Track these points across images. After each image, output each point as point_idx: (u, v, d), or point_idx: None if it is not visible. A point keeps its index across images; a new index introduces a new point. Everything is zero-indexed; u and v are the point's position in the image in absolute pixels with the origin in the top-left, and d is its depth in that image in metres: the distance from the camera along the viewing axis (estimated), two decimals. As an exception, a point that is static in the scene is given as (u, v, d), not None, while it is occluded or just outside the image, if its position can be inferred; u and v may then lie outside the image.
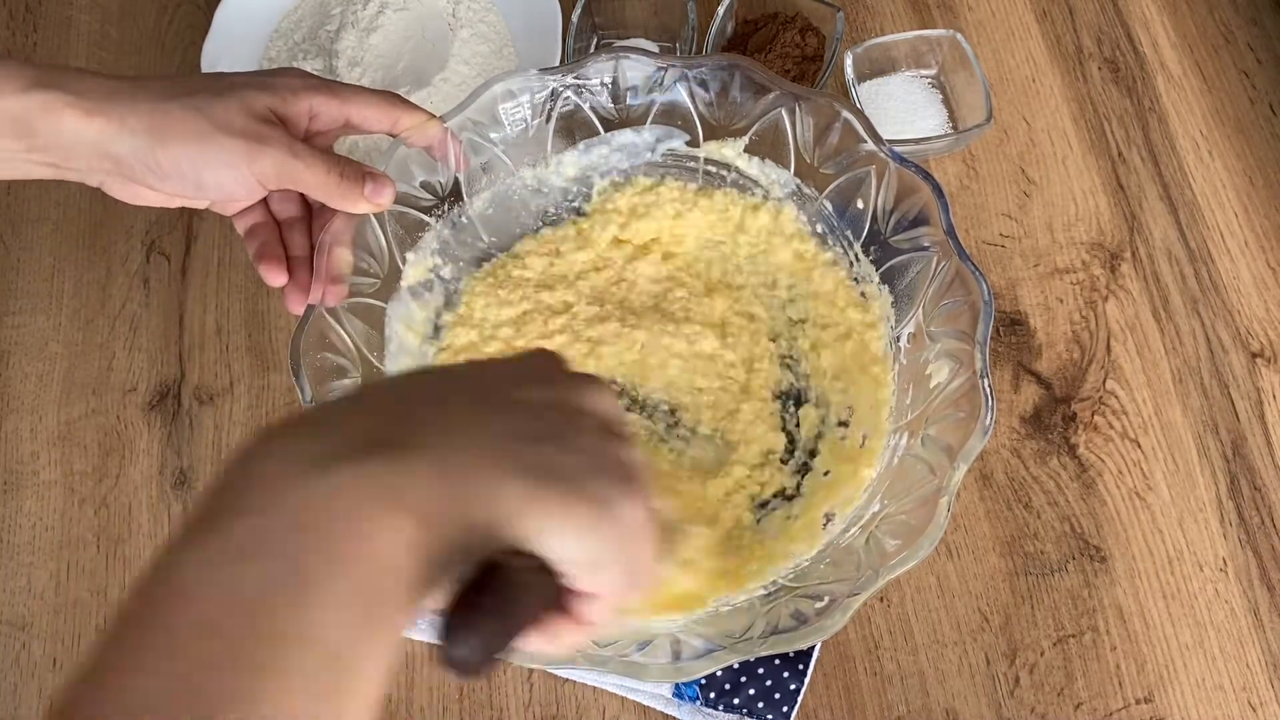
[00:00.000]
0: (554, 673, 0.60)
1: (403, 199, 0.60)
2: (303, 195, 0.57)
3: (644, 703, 0.59)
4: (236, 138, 0.49)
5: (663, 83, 0.62)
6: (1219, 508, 0.63)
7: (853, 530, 0.55)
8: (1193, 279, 0.69)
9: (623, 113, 0.63)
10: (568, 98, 0.62)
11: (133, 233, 0.74)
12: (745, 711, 0.57)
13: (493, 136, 0.62)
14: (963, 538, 0.63)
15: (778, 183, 0.63)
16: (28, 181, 0.76)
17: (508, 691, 0.60)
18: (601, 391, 0.36)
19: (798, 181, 0.63)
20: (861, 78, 0.74)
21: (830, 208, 0.62)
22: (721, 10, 0.73)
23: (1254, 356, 0.67)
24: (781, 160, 0.62)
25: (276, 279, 0.55)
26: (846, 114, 0.58)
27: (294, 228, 0.57)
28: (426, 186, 0.61)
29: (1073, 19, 0.78)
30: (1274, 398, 0.66)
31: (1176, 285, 0.69)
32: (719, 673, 0.58)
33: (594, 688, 0.60)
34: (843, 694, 0.59)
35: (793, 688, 0.57)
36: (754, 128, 0.62)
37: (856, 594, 0.49)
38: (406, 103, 0.56)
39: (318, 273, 0.55)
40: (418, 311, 0.62)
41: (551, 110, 0.62)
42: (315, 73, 0.65)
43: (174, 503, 0.66)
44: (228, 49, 0.76)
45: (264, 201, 0.57)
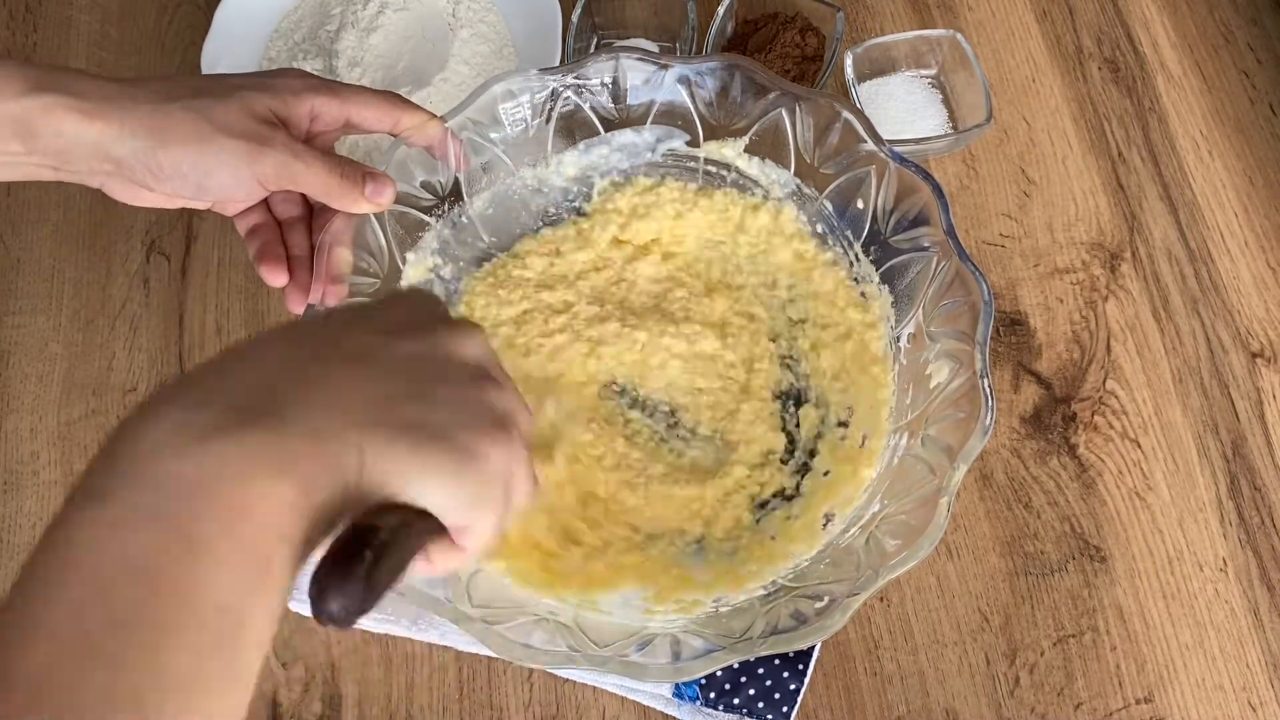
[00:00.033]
0: (554, 673, 0.60)
1: (403, 199, 0.60)
2: (304, 195, 0.57)
3: (644, 703, 0.59)
4: (237, 139, 0.50)
5: (663, 83, 0.62)
6: (1219, 508, 0.63)
7: (853, 530, 0.55)
8: (1193, 279, 0.69)
9: (623, 113, 0.63)
10: (568, 98, 0.62)
11: (133, 233, 0.74)
12: (745, 711, 0.57)
13: (493, 136, 0.62)
14: (963, 538, 0.63)
15: (778, 183, 0.63)
16: (28, 182, 0.76)
17: (507, 691, 0.60)
18: (470, 337, 0.39)
19: (798, 181, 0.63)
20: (861, 78, 0.74)
21: (830, 208, 0.62)
22: (721, 10, 0.73)
23: (1254, 356, 0.67)
24: (781, 160, 0.62)
25: (277, 279, 0.56)
26: (846, 114, 0.58)
27: (295, 228, 0.57)
28: (426, 186, 0.61)
29: (1073, 19, 0.78)
30: (1274, 398, 0.66)
31: (1176, 285, 0.69)
32: (719, 673, 0.58)
33: (594, 688, 0.60)
34: (843, 694, 0.59)
35: (793, 688, 0.57)
36: (754, 128, 0.62)
37: (856, 594, 0.49)
38: (407, 102, 0.56)
39: (318, 272, 0.55)
40: (418, 311, 0.62)
41: (551, 110, 0.62)
42: (315, 73, 0.65)
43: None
44: (228, 49, 0.76)
45: (265, 202, 0.57)
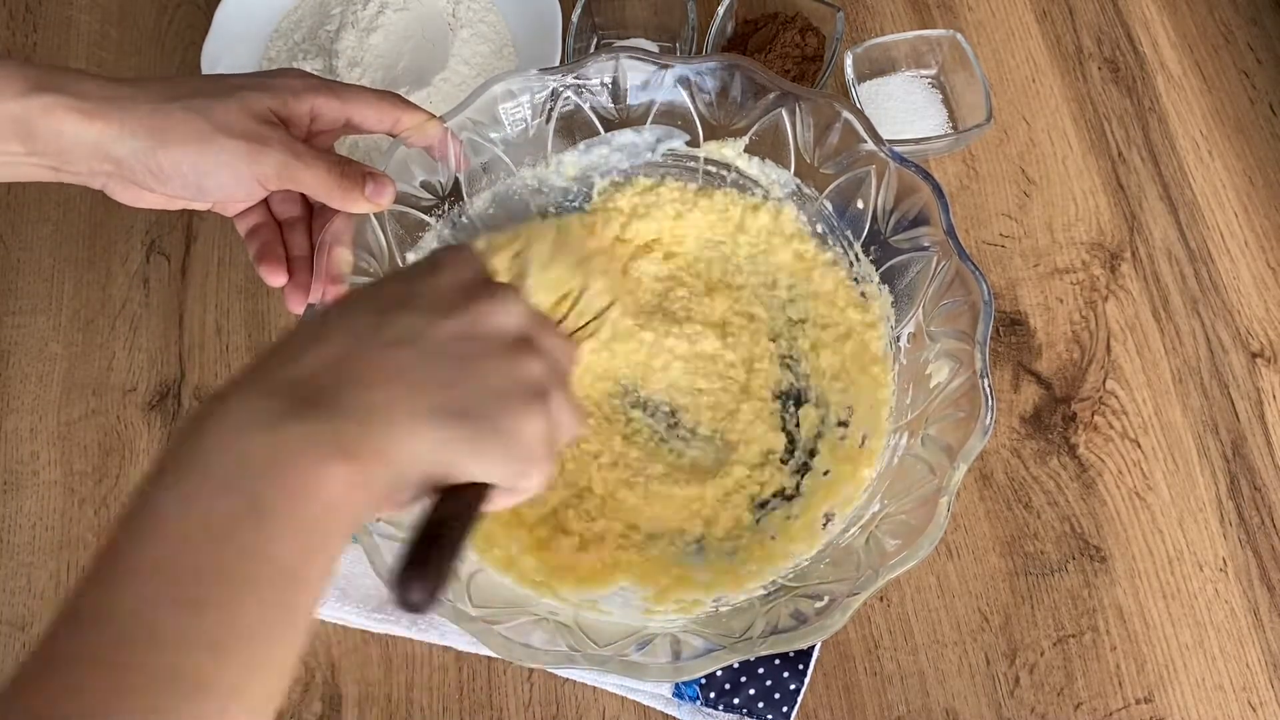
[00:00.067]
0: (554, 672, 0.60)
1: (403, 199, 0.60)
2: (303, 195, 0.57)
3: (644, 703, 0.59)
4: (237, 139, 0.50)
5: (663, 83, 0.62)
6: (1219, 508, 0.63)
7: (853, 530, 0.55)
8: (1193, 279, 0.69)
9: (623, 113, 0.63)
10: (568, 98, 0.62)
11: (133, 233, 0.74)
12: (745, 711, 0.57)
13: (493, 136, 0.62)
14: (963, 538, 0.63)
15: (778, 183, 0.63)
16: (28, 183, 0.76)
17: (507, 691, 0.60)
18: (506, 304, 0.41)
19: (798, 181, 0.63)
20: (861, 78, 0.74)
21: (830, 208, 0.62)
22: (721, 10, 0.73)
23: (1254, 356, 0.67)
24: (781, 160, 0.62)
25: (277, 279, 0.56)
26: (846, 114, 0.58)
27: (295, 228, 0.57)
28: (427, 186, 0.61)
29: (1073, 19, 0.78)
30: (1274, 398, 0.66)
31: (1176, 285, 0.69)
32: (719, 673, 0.58)
33: (594, 688, 0.60)
34: (843, 694, 0.59)
35: (793, 688, 0.57)
36: (754, 128, 0.62)
37: (856, 594, 0.49)
38: (407, 103, 0.56)
39: (318, 272, 0.55)
40: (418, 311, 0.62)
41: (551, 110, 0.62)
42: (315, 73, 0.65)
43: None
44: (228, 49, 0.76)
45: (265, 202, 0.57)
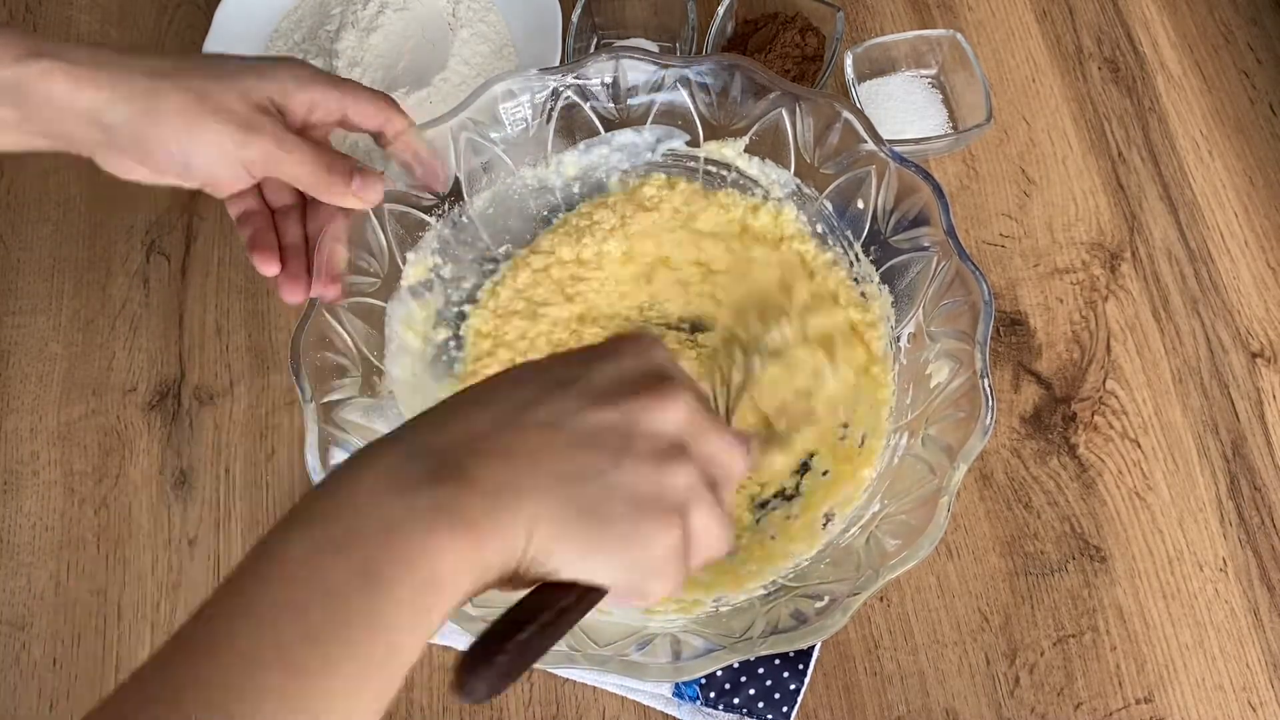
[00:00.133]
0: (554, 672, 0.60)
1: (403, 199, 0.60)
2: None
3: (644, 703, 0.59)
4: (227, 124, 0.49)
5: (663, 83, 0.62)
6: (1219, 508, 0.63)
7: (853, 530, 0.55)
8: (1193, 279, 0.69)
9: (623, 113, 0.63)
10: (568, 98, 0.62)
11: (133, 233, 0.74)
12: (745, 711, 0.57)
13: (493, 136, 0.62)
14: (963, 538, 0.63)
15: (778, 183, 0.63)
16: (28, 183, 0.76)
17: (507, 691, 0.60)
18: (672, 401, 0.38)
19: (798, 181, 0.63)
20: (861, 78, 0.74)
21: (830, 208, 0.62)
22: (721, 10, 0.73)
23: (1254, 356, 0.67)
24: (782, 160, 0.62)
25: (269, 268, 0.55)
26: (846, 114, 0.58)
27: (288, 216, 0.57)
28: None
29: (1073, 19, 0.78)
30: (1274, 398, 0.66)
31: (1176, 285, 0.69)
32: (719, 672, 0.58)
33: (594, 688, 0.60)
34: (843, 694, 0.59)
35: (793, 688, 0.57)
36: (754, 128, 0.62)
37: (856, 594, 0.49)
38: (398, 108, 0.56)
39: (317, 270, 0.54)
40: (418, 311, 0.62)
41: (552, 110, 0.62)
42: None
43: (174, 503, 0.66)
44: (228, 49, 0.75)
45: (258, 188, 0.56)
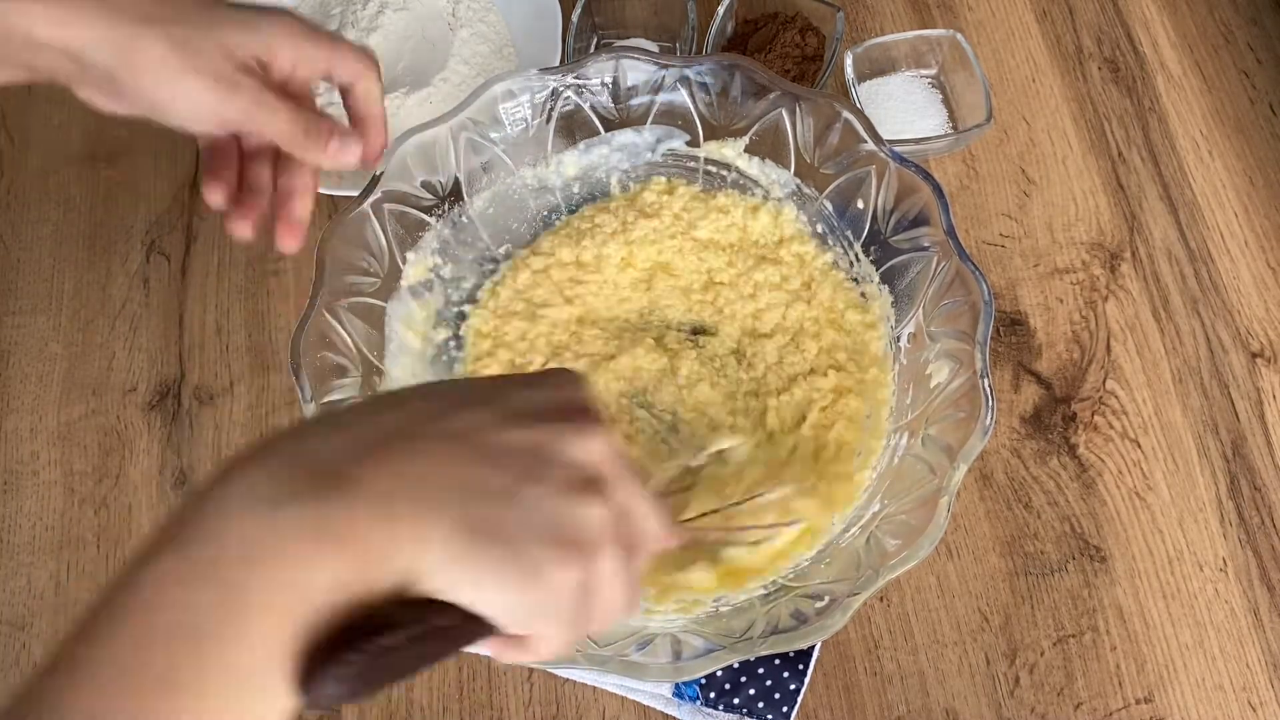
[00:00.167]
0: (554, 673, 0.60)
1: (403, 198, 0.60)
2: None
3: (644, 703, 0.59)
4: (207, 80, 0.48)
5: (663, 83, 0.62)
6: (1219, 508, 0.63)
7: (853, 530, 0.55)
8: (1193, 279, 0.69)
9: (623, 113, 0.63)
10: (568, 98, 0.62)
11: (133, 233, 0.74)
12: (745, 711, 0.57)
13: (493, 136, 0.62)
14: (963, 538, 0.63)
15: (778, 183, 0.63)
16: (28, 183, 0.76)
17: (507, 691, 0.60)
18: (591, 436, 0.36)
19: (798, 181, 0.63)
20: (861, 78, 0.74)
21: (830, 208, 0.62)
22: (721, 10, 0.73)
23: (1254, 356, 0.67)
24: (782, 160, 0.62)
25: (215, 196, 0.52)
26: (846, 114, 0.58)
27: (259, 159, 0.54)
28: (426, 186, 0.61)
29: (1073, 19, 0.78)
30: (1274, 398, 0.66)
31: (1176, 285, 0.69)
32: (719, 673, 0.58)
33: (594, 688, 0.60)
34: (843, 694, 0.59)
35: (793, 688, 0.57)
36: (754, 128, 0.62)
37: (856, 594, 0.49)
38: (378, 68, 0.54)
39: (285, 216, 0.53)
40: (418, 311, 0.62)
41: (552, 110, 0.62)
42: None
43: (174, 502, 0.66)
44: (228, 49, 0.76)
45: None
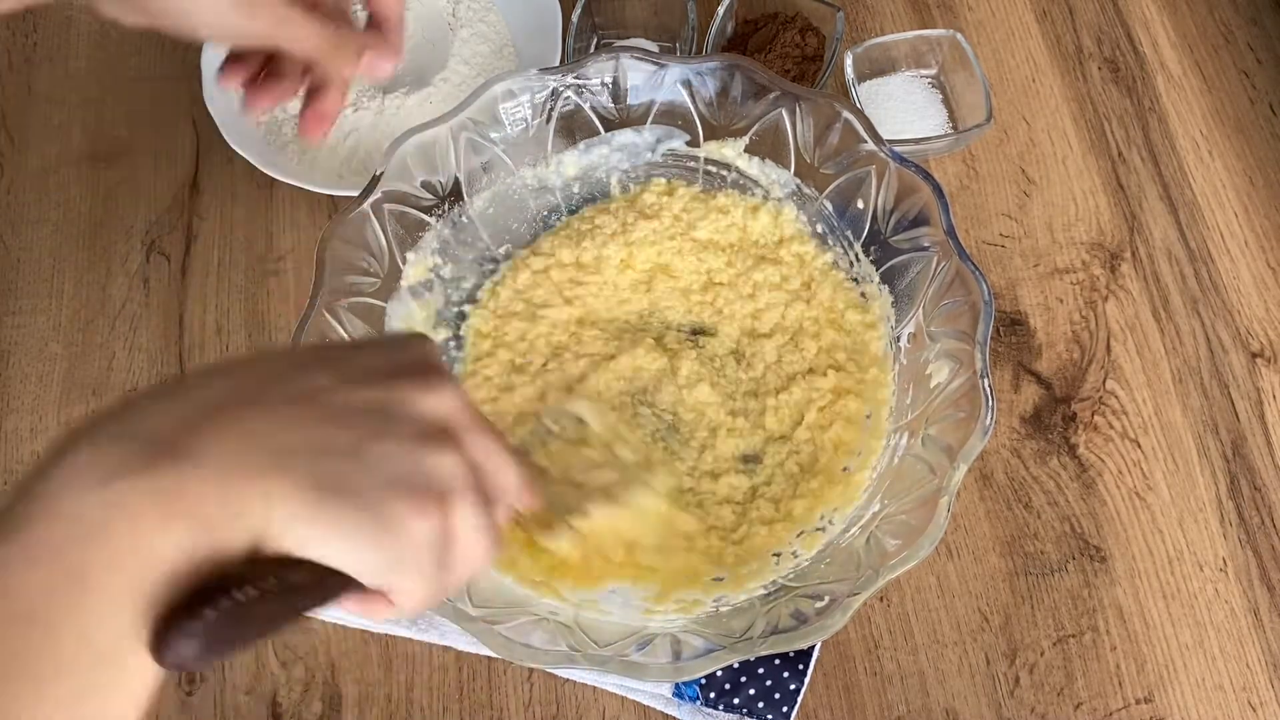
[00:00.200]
0: (554, 673, 0.60)
1: (403, 198, 0.60)
2: None
3: (644, 703, 0.59)
4: None
5: (663, 83, 0.62)
6: (1219, 508, 0.63)
7: (853, 530, 0.55)
8: (1193, 279, 0.69)
9: (623, 113, 0.63)
10: (568, 98, 0.62)
11: (133, 233, 0.74)
12: (745, 711, 0.57)
13: (493, 136, 0.62)
14: (963, 538, 0.63)
15: (778, 183, 0.63)
16: (28, 183, 0.76)
17: (507, 691, 0.60)
18: (439, 389, 0.36)
19: (798, 181, 0.63)
20: (861, 78, 0.74)
21: (830, 208, 0.62)
22: (721, 10, 0.73)
23: (1254, 356, 0.67)
24: (781, 160, 0.62)
25: (231, 81, 0.51)
26: (846, 114, 0.58)
27: (288, 59, 0.52)
28: (427, 186, 0.61)
29: (1073, 19, 0.78)
30: (1274, 398, 0.66)
31: (1176, 285, 0.69)
32: (719, 673, 0.58)
33: (594, 688, 0.60)
34: (843, 694, 0.59)
35: (793, 688, 0.57)
36: (754, 128, 0.62)
37: (856, 594, 0.49)
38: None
39: (314, 104, 0.51)
40: (418, 311, 0.62)
41: (552, 110, 0.62)
42: None
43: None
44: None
45: None
